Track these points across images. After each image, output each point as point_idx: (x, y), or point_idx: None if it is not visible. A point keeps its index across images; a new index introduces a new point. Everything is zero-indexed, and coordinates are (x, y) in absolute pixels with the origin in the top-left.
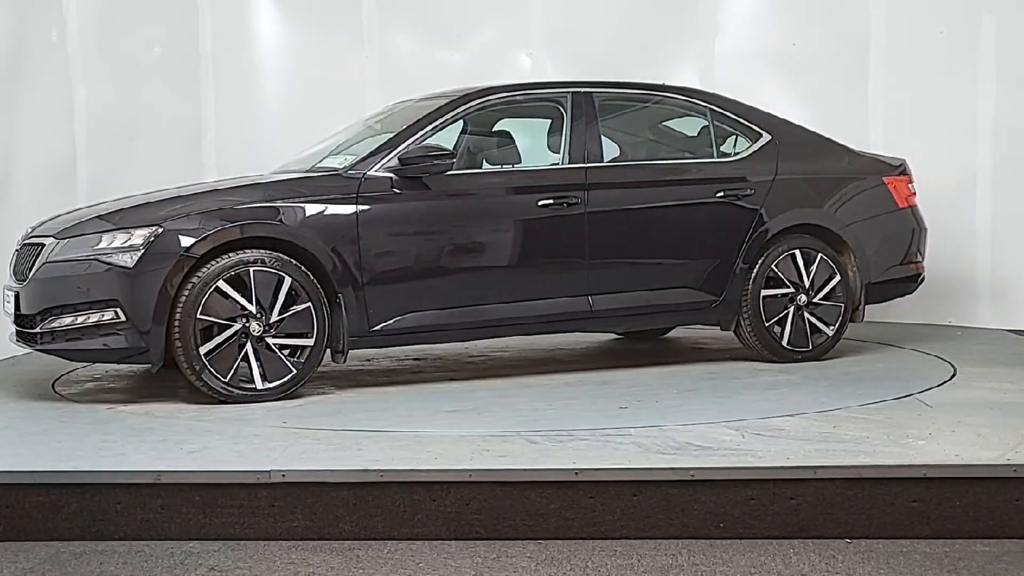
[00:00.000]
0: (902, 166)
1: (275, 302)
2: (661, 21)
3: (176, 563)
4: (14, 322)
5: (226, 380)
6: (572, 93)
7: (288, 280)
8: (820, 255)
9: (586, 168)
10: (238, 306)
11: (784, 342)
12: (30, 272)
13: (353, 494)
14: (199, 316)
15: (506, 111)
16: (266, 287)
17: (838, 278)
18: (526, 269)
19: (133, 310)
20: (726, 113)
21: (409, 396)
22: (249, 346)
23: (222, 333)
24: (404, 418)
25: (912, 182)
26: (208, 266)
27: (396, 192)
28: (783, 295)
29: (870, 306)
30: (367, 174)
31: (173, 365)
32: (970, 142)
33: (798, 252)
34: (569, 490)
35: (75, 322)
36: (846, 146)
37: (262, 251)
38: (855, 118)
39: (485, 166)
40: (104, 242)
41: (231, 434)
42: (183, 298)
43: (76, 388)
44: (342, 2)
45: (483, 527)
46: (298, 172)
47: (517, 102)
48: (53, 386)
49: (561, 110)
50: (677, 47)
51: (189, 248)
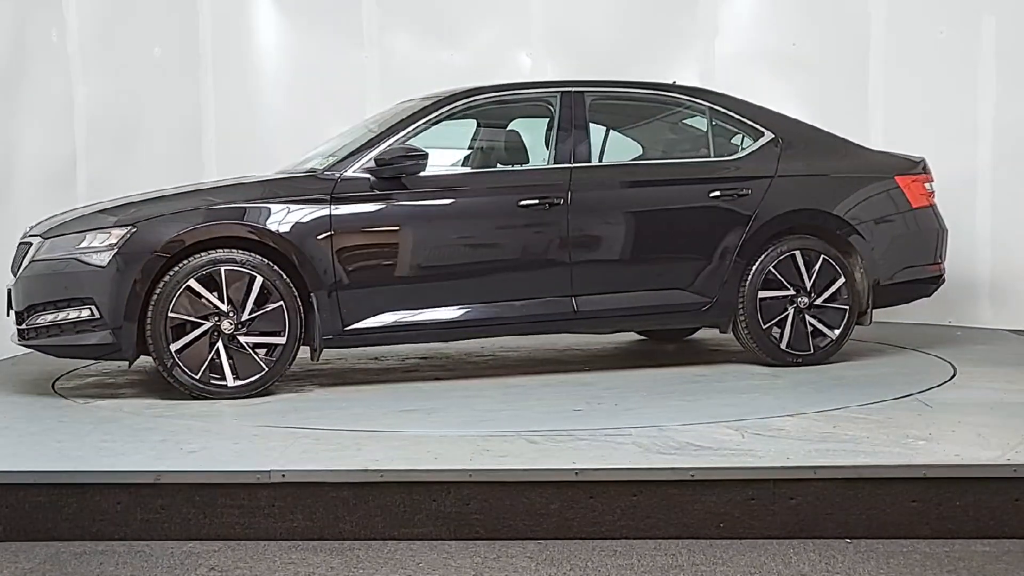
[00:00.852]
0: (919, 165)
1: (246, 301)
2: (661, 21)
3: (176, 563)
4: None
5: (197, 377)
6: (561, 93)
7: (259, 279)
8: (823, 256)
9: (571, 168)
10: (209, 305)
11: (783, 345)
12: (18, 270)
13: (353, 494)
14: (170, 314)
15: (495, 111)
16: (237, 286)
17: (842, 280)
18: (505, 270)
19: (106, 308)
20: (724, 111)
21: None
22: (220, 344)
23: (195, 330)
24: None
25: (930, 181)
26: (180, 265)
27: (373, 193)
28: (782, 297)
29: (882, 309)
30: (343, 175)
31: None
32: (970, 142)
33: (798, 253)
34: (569, 490)
35: (56, 319)
36: (860, 145)
37: (234, 250)
38: (855, 118)
39: (499, 167)
40: (85, 242)
41: (231, 434)
42: (155, 296)
43: (76, 388)
44: (342, 2)
45: (483, 527)
46: (280, 173)
47: (506, 102)
48: (53, 386)
49: (551, 110)
50: (677, 47)
51: (159, 248)
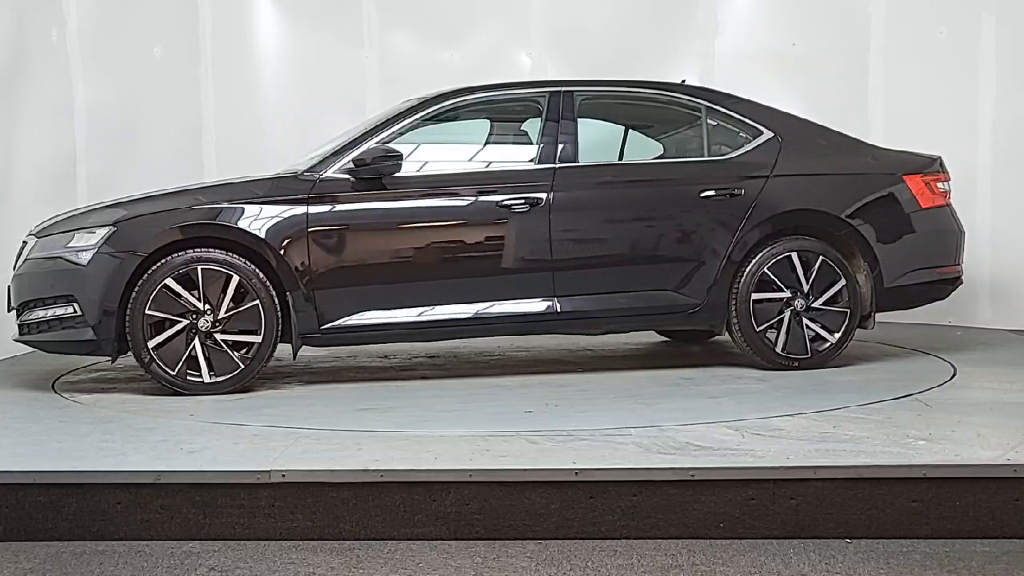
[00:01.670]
0: (932, 164)
1: (223, 299)
2: (661, 21)
3: (176, 563)
4: None
5: (174, 372)
6: (550, 93)
7: (236, 278)
8: (822, 258)
9: (554, 168)
10: (186, 303)
11: (778, 348)
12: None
13: (353, 494)
14: (148, 312)
15: (484, 112)
16: (214, 285)
17: (843, 282)
18: (485, 269)
19: (87, 305)
20: (721, 110)
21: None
22: (197, 341)
23: (172, 328)
24: (402, 418)
25: (944, 181)
26: (158, 264)
27: (351, 193)
28: (777, 300)
29: (892, 312)
30: (322, 176)
31: None
32: (970, 142)
33: (795, 255)
34: (569, 490)
35: (44, 315)
36: (873, 145)
37: (212, 250)
38: (855, 118)
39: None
40: (71, 241)
41: (231, 434)
42: (133, 294)
43: (76, 388)
44: (342, 2)
45: (483, 527)
46: (265, 175)
47: (495, 102)
48: (53, 386)
49: (540, 110)
50: (677, 47)
51: (135, 247)
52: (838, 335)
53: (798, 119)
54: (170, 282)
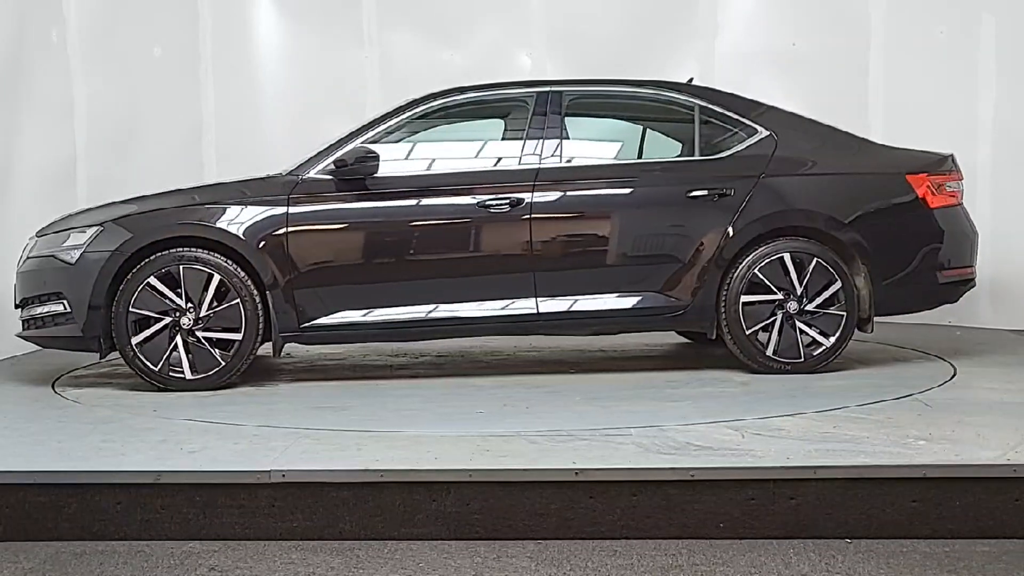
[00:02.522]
0: (941, 163)
1: (204, 298)
2: (661, 21)
3: (176, 563)
4: None
5: (157, 369)
6: (538, 93)
7: (217, 277)
8: (816, 259)
9: (537, 168)
10: (170, 301)
11: (769, 351)
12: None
13: (353, 494)
14: (132, 309)
15: (473, 112)
16: (195, 283)
17: (839, 284)
18: (466, 270)
19: (74, 302)
20: (715, 109)
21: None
22: (179, 338)
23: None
24: (403, 418)
25: (954, 180)
26: (142, 263)
27: (332, 193)
28: (768, 302)
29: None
30: (303, 177)
31: None
32: (970, 142)
33: (787, 256)
34: (569, 490)
35: (40, 312)
36: (880, 144)
37: (194, 249)
38: (855, 117)
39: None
40: (64, 240)
41: (231, 434)
42: (118, 292)
43: (76, 388)
44: (342, 2)
45: (483, 527)
46: (253, 176)
47: (484, 102)
48: (53, 386)
49: (527, 110)
50: (677, 47)
51: (119, 246)
52: (833, 339)
53: (798, 117)
54: (153, 280)
